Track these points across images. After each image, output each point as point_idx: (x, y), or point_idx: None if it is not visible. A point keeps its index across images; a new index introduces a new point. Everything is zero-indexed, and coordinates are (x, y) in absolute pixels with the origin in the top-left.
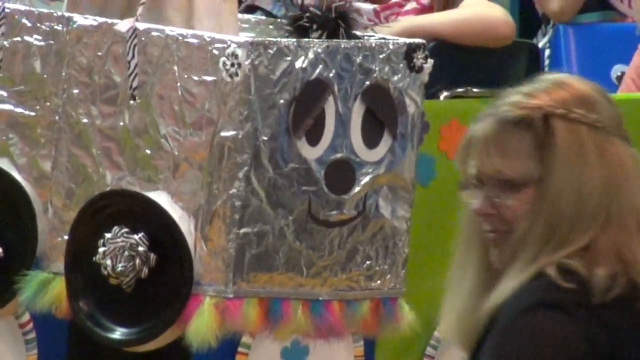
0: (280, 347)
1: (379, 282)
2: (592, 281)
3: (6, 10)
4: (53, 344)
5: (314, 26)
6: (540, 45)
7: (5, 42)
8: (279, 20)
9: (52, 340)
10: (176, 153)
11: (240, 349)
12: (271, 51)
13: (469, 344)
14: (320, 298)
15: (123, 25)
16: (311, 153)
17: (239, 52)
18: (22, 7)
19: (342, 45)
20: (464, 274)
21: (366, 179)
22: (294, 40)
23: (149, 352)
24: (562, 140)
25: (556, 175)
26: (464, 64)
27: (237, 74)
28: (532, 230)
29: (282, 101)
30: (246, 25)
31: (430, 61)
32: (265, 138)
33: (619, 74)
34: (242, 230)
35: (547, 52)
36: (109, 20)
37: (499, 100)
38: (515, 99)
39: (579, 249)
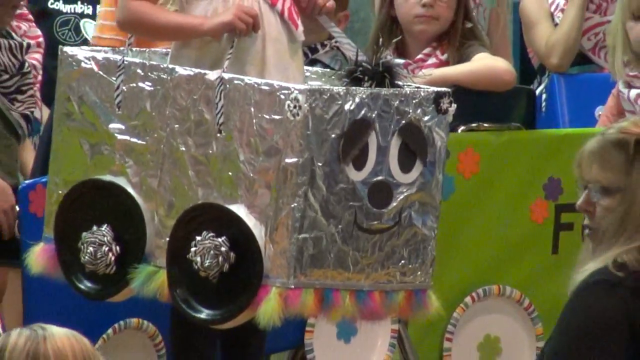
0: (336, 325)
1: (411, 277)
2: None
3: (125, 62)
4: None
5: (366, 77)
6: (537, 91)
7: (124, 87)
8: (339, 72)
9: None
10: (251, 175)
11: (307, 328)
12: (325, 97)
13: None
14: (364, 289)
15: (212, 75)
16: (357, 176)
17: (300, 97)
18: (137, 60)
19: (383, 92)
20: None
21: (401, 196)
22: (344, 88)
23: (236, 328)
24: None
25: (635, 188)
26: (476, 104)
27: (298, 114)
28: (609, 227)
29: (333, 135)
30: (314, 76)
31: (454, 105)
32: (320, 164)
33: (600, 113)
34: (301, 236)
35: (543, 96)
36: (202, 71)
37: (614, 123)
38: (622, 125)
39: None
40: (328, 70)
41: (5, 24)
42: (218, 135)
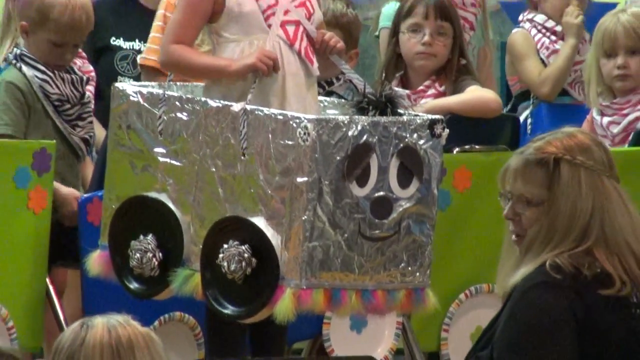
0: (349, 318)
1: (411, 277)
2: (575, 272)
3: (166, 96)
4: None
5: (370, 107)
6: (522, 116)
7: (165, 117)
8: (350, 102)
9: None
10: (269, 192)
11: (325, 320)
12: (330, 125)
13: (503, 301)
14: (369, 288)
15: (237, 107)
16: (360, 192)
17: (309, 125)
18: (176, 94)
19: (382, 120)
20: (505, 255)
21: (400, 209)
22: (348, 117)
23: (261, 322)
24: (565, 178)
25: (557, 201)
26: (468, 129)
27: (307, 140)
28: (538, 235)
29: (338, 158)
30: (331, 105)
31: (447, 130)
32: (327, 182)
33: None
34: (311, 244)
35: (529, 120)
36: (228, 103)
37: (530, 143)
38: (538, 144)
39: (576, 252)
40: (342, 100)
41: (68, 62)
42: (242, 158)
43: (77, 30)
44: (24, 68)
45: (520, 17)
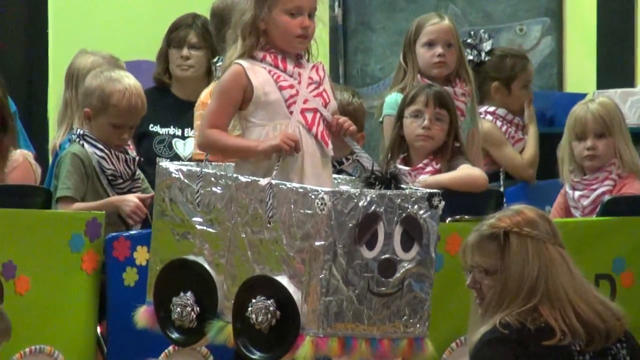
0: None
1: (412, 328)
2: (520, 327)
3: (203, 172)
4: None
5: (377, 182)
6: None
7: (202, 191)
8: (359, 178)
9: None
10: (291, 254)
11: None
12: (344, 196)
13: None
14: (376, 337)
15: (264, 182)
16: (369, 254)
17: (325, 197)
18: (211, 170)
19: (388, 193)
20: (472, 318)
21: (403, 269)
22: (358, 190)
23: None
24: (514, 247)
25: (508, 268)
26: (459, 202)
27: (324, 209)
28: (492, 298)
29: (350, 225)
30: (343, 181)
31: (443, 202)
32: (341, 246)
33: (548, 209)
34: (327, 299)
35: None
36: (256, 179)
37: (483, 221)
38: (490, 221)
39: (524, 310)
40: (351, 176)
41: (125, 142)
42: (268, 225)
43: (133, 113)
44: (86, 145)
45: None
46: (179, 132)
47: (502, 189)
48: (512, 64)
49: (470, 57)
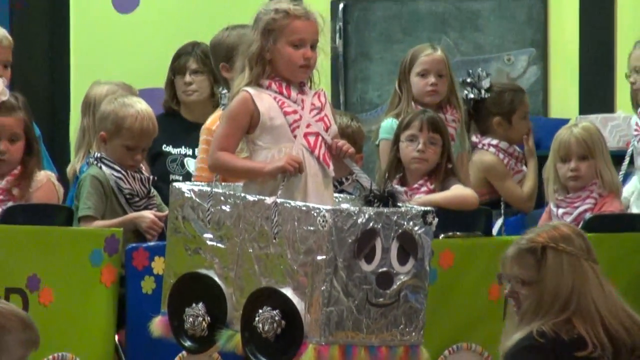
0: None
1: (408, 337)
2: (555, 337)
3: (213, 192)
4: None
5: (375, 200)
6: (496, 227)
7: (212, 209)
8: (358, 197)
9: None
10: (295, 268)
11: None
12: (344, 214)
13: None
14: (374, 345)
15: (270, 200)
16: (367, 267)
17: (327, 214)
18: (220, 190)
19: (385, 211)
20: (508, 322)
21: (399, 281)
22: (357, 208)
23: None
24: (550, 262)
25: (543, 280)
26: (452, 219)
27: (325, 226)
28: (529, 308)
29: (350, 240)
30: (344, 200)
31: (436, 219)
32: (341, 260)
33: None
34: (328, 309)
35: (503, 228)
36: (263, 197)
37: (523, 235)
38: (530, 236)
39: (558, 321)
40: (351, 195)
41: (139, 162)
42: (274, 241)
43: (145, 135)
44: (103, 167)
45: (478, 141)
46: (189, 152)
47: (502, 219)
48: (510, 98)
49: (472, 95)
